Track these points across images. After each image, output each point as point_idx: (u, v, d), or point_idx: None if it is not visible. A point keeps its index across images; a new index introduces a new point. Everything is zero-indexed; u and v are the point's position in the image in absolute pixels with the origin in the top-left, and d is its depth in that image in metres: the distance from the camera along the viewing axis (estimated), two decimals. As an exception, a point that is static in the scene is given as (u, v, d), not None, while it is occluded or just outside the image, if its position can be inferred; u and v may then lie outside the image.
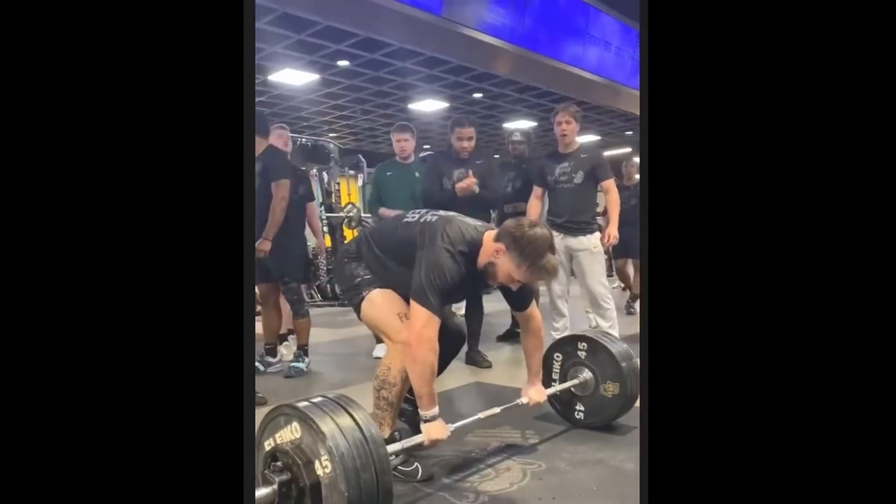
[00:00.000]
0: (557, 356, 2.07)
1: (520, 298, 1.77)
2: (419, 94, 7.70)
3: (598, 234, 3.06)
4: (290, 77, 6.68)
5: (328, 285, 5.57)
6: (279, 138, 3.19)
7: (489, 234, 1.61)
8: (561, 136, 3.04)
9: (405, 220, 1.70)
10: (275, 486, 1.17)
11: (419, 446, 1.55)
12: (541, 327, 1.85)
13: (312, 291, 5.44)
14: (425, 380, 1.51)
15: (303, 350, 3.00)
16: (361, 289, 1.70)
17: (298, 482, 1.17)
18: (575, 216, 3.00)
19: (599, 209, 3.43)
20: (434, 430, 1.50)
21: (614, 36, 5.48)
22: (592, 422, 2.01)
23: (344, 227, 5.70)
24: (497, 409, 1.73)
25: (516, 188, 3.55)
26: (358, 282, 1.72)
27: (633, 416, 2.05)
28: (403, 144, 3.22)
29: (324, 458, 1.15)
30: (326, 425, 1.15)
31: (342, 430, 1.15)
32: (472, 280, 1.64)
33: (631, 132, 11.05)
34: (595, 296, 3.05)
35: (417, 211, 1.75)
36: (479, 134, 3.13)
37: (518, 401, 1.80)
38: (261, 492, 1.16)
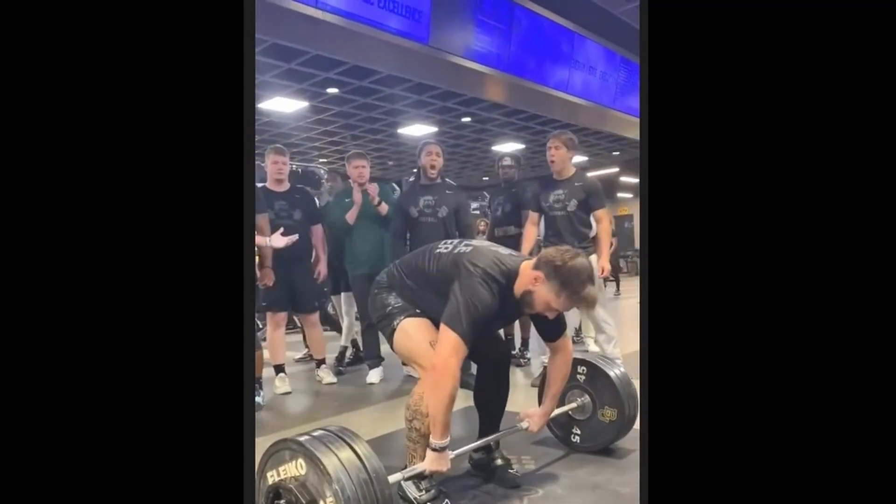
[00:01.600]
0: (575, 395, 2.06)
1: (554, 329, 1.77)
2: (408, 119, 7.78)
3: (594, 260, 3.08)
4: (281, 105, 6.74)
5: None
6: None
7: (527, 264, 1.61)
8: (550, 162, 3.08)
9: (437, 250, 1.70)
10: None
11: (420, 475, 1.55)
12: (570, 359, 1.85)
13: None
14: (443, 408, 1.49)
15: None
16: (393, 318, 1.69)
17: None
18: (569, 242, 3.03)
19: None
20: (438, 461, 1.50)
21: (599, 61, 5.59)
22: (589, 446, 2.01)
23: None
24: (498, 434, 1.74)
25: (506, 212, 3.59)
26: (389, 310, 1.71)
27: (630, 440, 2.05)
28: (361, 171, 3.29)
29: (329, 499, 1.15)
30: (331, 464, 1.15)
31: (347, 468, 1.15)
32: (507, 310, 1.63)
33: (617, 153, 11.20)
34: (596, 320, 3.10)
35: (450, 241, 1.75)
36: (469, 158, 3.20)
37: (518, 425, 1.80)
38: None
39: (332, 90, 6.43)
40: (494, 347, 1.82)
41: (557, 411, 2.00)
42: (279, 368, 3.27)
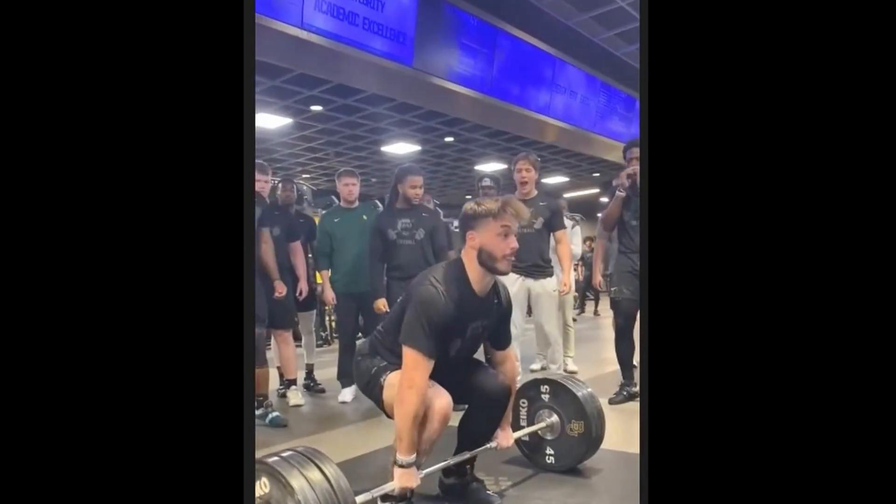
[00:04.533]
0: (523, 402, 2.11)
1: (502, 337, 1.80)
2: (391, 137, 7.84)
3: (555, 278, 3.16)
4: (265, 121, 6.76)
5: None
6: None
7: (464, 250, 1.65)
8: (521, 182, 3.15)
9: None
10: None
11: (388, 495, 1.55)
12: (515, 371, 1.88)
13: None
14: (408, 423, 1.51)
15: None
16: (379, 376, 1.69)
17: None
18: (534, 260, 3.10)
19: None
20: (405, 478, 1.50)
21: (580, 85, 5.72)
22: (564, 464, 2.04)
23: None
24: (466, 454, 1.75)
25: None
26: (375, 371, 1.71)
27: (597, 460, 2.08)
28: (351, 188, 3.33)
29: None
30: (296, 482, 1.16)
31: (312, 485, 1.16)
32: (474, 306, 1.64)
33: (598, 174, 11.36)
34: (547, 335, 3.21)
35: None
36: (451, 176, 3.28)
37: (488, 445, 1.82)
38: None
39: (317, 108, 6.46)
40: (492, 381, 1.78)
41: (527, 430, 2.03)
42: (292, 382, 3.31)
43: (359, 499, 1.32)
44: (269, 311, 3.08)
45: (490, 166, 9.26)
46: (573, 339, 4.07)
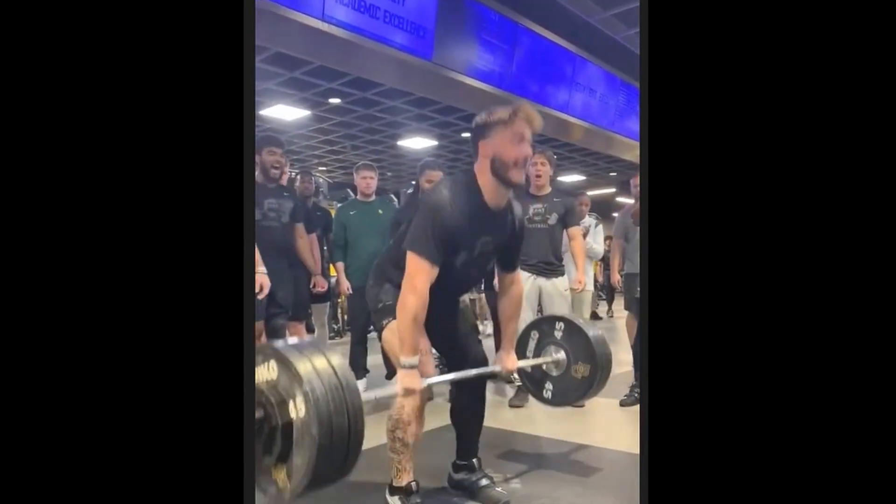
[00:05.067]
0: (534, 334, 2.11)
1: (510, 258, 1.79)
2: (408, 132, 7.83)
3: (566, 278, 3.13)
4: (282, 112, 6.78)
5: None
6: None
7: (477, 162, 1.63)
8: (535, 177, 3.12)
9: None
10: None
11: (395, 488, 1.56)
12: (521, 294, 1.88)
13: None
14: (408, 327, 1.51)
15: None
16: (381, 317, 1.70)
17: (271, 421, 1.17)
18: (546, 257, 3.07)
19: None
20: (408, 379, 1.50)
21: (599, 83, 5.66)
22: (559, 401, 2.08)
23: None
24: (472, 372, 1.75)
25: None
26: (381, 307, 1.71)
27: (607, 461, 2.07)
28: (369, 182, 3.34)
29: (298, 399, 1.14)
30: (304, 367, 1.15)
31: (319, 373, 1.15)
32: (480, 220, 1.62)
33: (615, 173, 11.28)
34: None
35: None
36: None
37: (491, 368, 1.83)
38: None
39: (335, 100, 6.47)
40: (473, 350, 1.82)
41: (532, 362, 2.04)
42: None
43: (364, 395, 1.31)
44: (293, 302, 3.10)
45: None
46: None
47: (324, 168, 9.93)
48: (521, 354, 2.09)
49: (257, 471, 1.23)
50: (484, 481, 1.83)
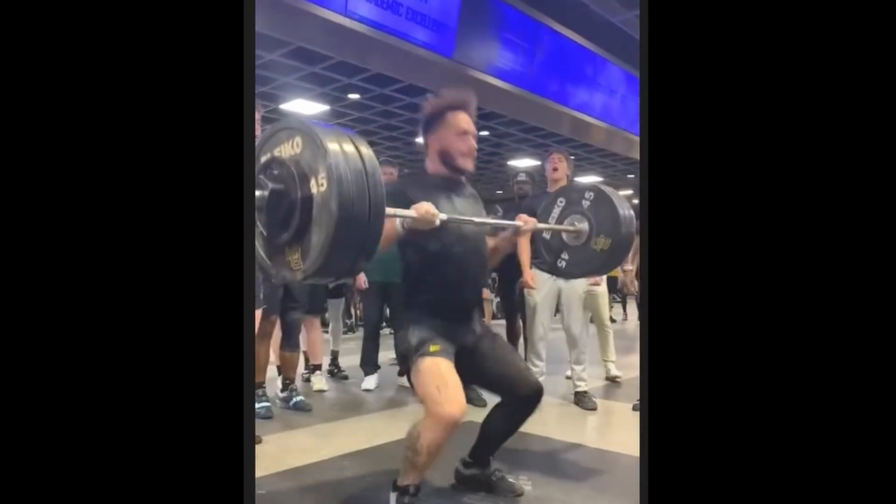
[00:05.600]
0: (560, 201, 2.05)
1: None
2: (426, 129, 7.83)
3: (582, 280, 3.13)
4: (302, 107, 6.81)
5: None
6: None
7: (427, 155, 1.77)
8: (551, 172, 3.14)
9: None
10: (265, 193, 1.15)
11: (401, 488, 1.57)
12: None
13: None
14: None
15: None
16: (409, 357, 1.66)
17: (290, 194, 1.15)
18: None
19: None
20: (422, 207, 1.49)
21: (620, 84, 5.61)
22: (571, 271, 2.04)
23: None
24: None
25: (518, 227, 3.61)
26: (405, 348, 1.68)
27: (620, 465, 2.05)
28: (388, 178, 3.34)
29: (321, 176, 1.11)
30: (331, 145, 1.11)
31: (345, 154, 1.11)
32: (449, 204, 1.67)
33: (632, 175, 11.19)
34: (574, 337, 3.16)
35: None
36: (483, 170, 3.33)
37: (513, 223, 1.81)
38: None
39: (354, 96, 6.49)
40: (525, 382, 1.75)
41: (553, 227, 2.00)
42: (317, 367, 3.39)
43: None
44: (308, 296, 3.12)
45: (523, 162, 9.19)
46: (612, 341, 3.85)
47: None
48: (545, 219, 2.02)
49: (269, 253, 1.20)
50: (499, 474, 1.84)
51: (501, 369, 1.75)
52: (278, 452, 2.25)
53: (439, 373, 1.59)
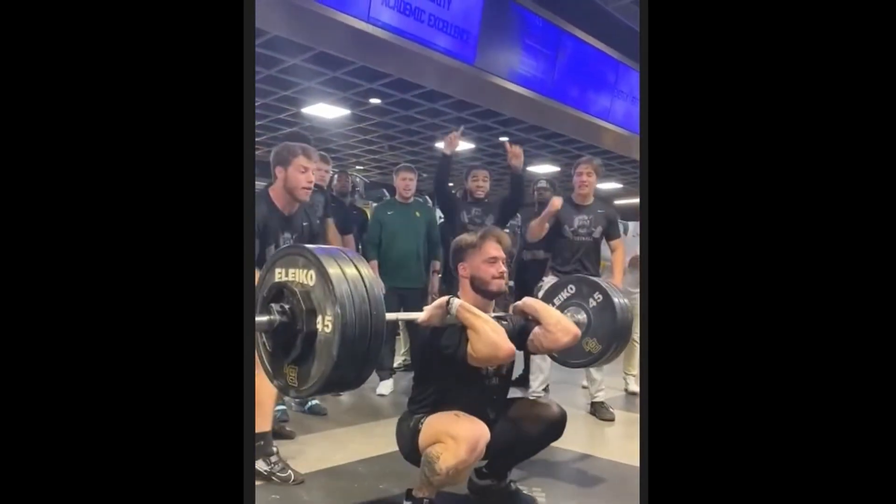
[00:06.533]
0: (571, 288, 2.06)
1: None
2: (447, 134, 7.84)
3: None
4: (323, 111, 6.87)
5: None
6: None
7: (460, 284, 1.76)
8: (580, 185, 3.09)
9: None
10: (274, 321, 1.22)
11: (414, 497, 1.57)
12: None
13: None
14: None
15: None
16: (416, 426, 1.66)
17: (296, 325, 1.20)
18: (585, 270, 3.02)
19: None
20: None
21: (642, 91, 5.57)
22: (564, 360, 2.07)
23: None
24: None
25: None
26: (412, 424, 1.68)
27: (628, 477, 2.02)
28: (408, 183, 3.35)
29: (328, 317, 1.16)
30: (340, 287, 1.15)
31: (352, 295, 1.15)
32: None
33: (654, 183, 11.10)
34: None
35: None
36: (503, 176, 3.41)
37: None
38: (259, 318, 1.22)
39: (375, 101, 6.52)
40: (545, 425, 1.77)
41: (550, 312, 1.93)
42: None
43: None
44: None
45: (542, 168, 9.15)
46: (637, 354, 3.78)
47: (361, 167, 10.02)
48: (549, 297, 2.05)
49: (271, 363, 1.27)
50: (514, 485, 1.84)
51: (518, 428, 1.76)
52: (294, 458, 2.26)
53: (450, 413, 1.59)
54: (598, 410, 3.08)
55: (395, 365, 3.77)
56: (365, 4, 3.40)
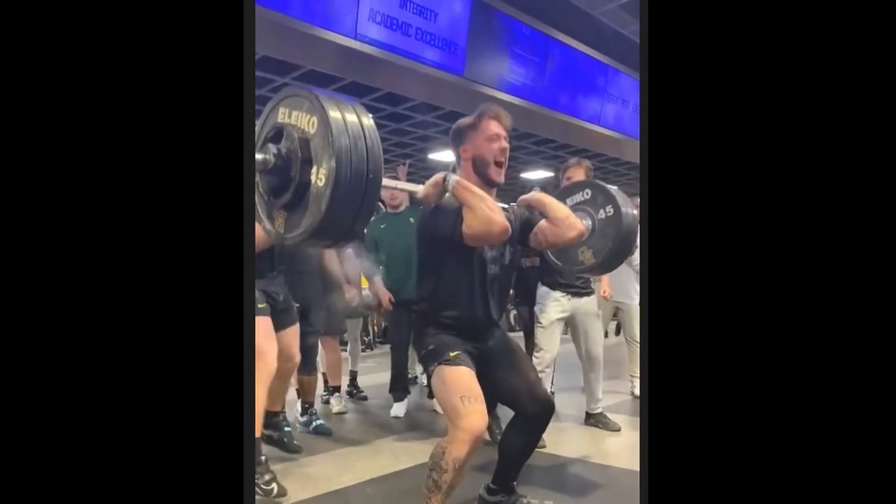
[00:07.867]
0: (587, 192, 1.99)
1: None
2: (439, 145, 7.85)
3: (596, 297, 3.05)
4: (315, 128, 6.87)
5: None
6: None
7: (460, 168, 1.82)
8: (566, 180, 3.02)
9: None
10: (269, 160, 1.16)
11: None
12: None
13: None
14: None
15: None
16: (429, 362, 1.67)
17: (290, 171, 1.15)
18: (581, 275, 2.98)
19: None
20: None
21: (632, 94, 5.59)
22: (548, 258, 2.07)
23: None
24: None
25: (533, 242, 3.58)
26: (424, 353, 1.70)
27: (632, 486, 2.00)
28: (393, 192, 3.31)
29: (322, 170, 1.11)
30: (340, 141, 1.09)
31: (351, 147, 1.10)
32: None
33: (648, 184, 11.15)
34: (593, 359, 2.96)
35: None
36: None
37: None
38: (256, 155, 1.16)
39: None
40: (535, 397, 1.75)
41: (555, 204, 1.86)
42: (336, 389, 3.36)
43: None
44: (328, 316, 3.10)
45: (536, 174, 9.17)
46: (638, 359, 3.69)
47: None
48: (564, 197, 1.98)
49: (266, 211, 1.23)
50: (525, 501, 1.82)
51: (513, 381, 1.75)
52: (300, 480, 2.24)
53: (463, 384, 1.59)
54: (601, 422, 2.98)
55: (410, 375, 3.73)
56: (352, 21, 3.42)
